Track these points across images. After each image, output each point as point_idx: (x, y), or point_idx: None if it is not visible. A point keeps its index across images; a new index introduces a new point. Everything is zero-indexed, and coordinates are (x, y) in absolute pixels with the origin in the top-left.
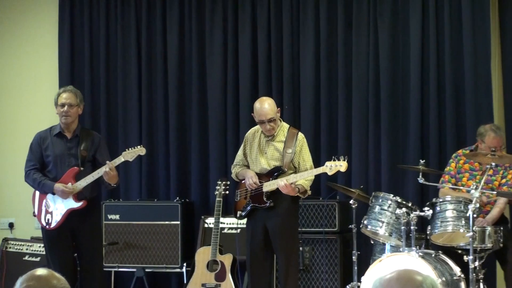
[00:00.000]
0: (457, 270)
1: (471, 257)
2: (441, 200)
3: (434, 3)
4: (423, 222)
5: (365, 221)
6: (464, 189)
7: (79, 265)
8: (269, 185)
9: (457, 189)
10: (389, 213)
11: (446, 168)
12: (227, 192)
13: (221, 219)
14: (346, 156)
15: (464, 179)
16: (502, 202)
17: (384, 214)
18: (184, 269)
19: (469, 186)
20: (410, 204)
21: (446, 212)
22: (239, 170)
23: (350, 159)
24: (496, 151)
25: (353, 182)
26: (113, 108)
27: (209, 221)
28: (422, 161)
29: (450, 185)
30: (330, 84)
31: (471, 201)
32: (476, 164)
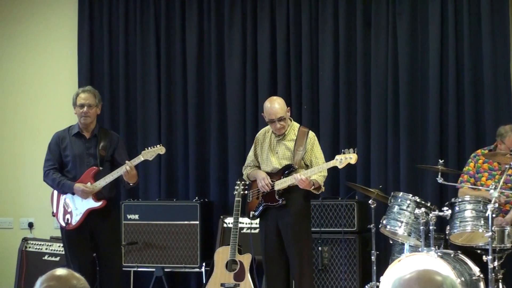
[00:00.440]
0: (476, 270)
1: (490, 257)
2: (460, 200)
3: (453, 2)
4: (442, 222)
5: (384, 221)
6: (483, 189)
7: (98, 265)
8: (281, 183)
9: (476, 189)
10: (408, 213)
11: (465, 168)
12: (246, 192)
13: (240, 219)
14: (356, 148)
15: (483, 179)
16: None
17: (403, 214)
18: (203, 269)
19: (488, 186)
20: (429, 204)
21: (465, 212)
22: (250, 171)
23: (369, 159)
24: None
25: (372, 182)
26: (132, 108)
27: (228, 221)
28: (441, 161)
29: (469, 185)
30: (349, 84)
31: (490, 201)
32: (495, 164)
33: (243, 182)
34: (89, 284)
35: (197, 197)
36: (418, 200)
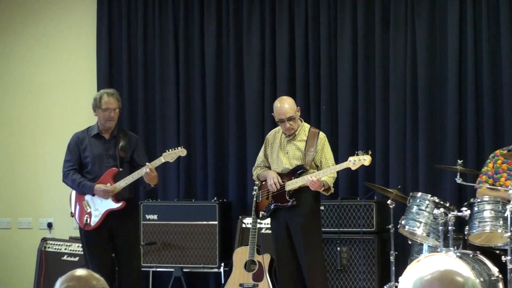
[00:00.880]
0: (495, 271)
1: (509, 258)
2: (479, 200)
3: (472, 2)
4: (461, 223)
5: (403, 221)
6: (502, 189)
7: (117, 265)
8: (292, 184)
9: (495, 189)
10: (427, 213)
11: (483, 168)
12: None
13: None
14: (370, 150)
15: (502, 179)
16: None
17: (422, 214)
18: (222, 269)
19: (507, 186)
20: (448, 204)
21: (484, 213)
22: (261, 172)
23: (388, 160)
24: None
25: (391, 182)
26: (151, 108)
27: (247, 221)
28: (460, 161)
29: (488, 185)
30: (368, 84)
31: (509, 201)
32: None
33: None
34: (108, 285)
35: (216, 197)
36: (437, 200)
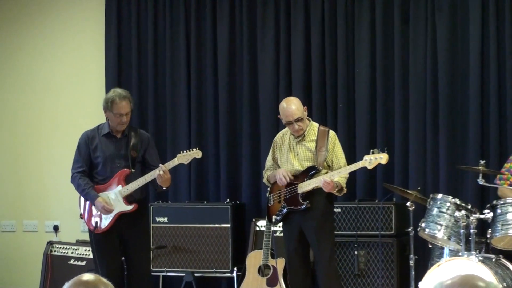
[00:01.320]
0: None
1: None
2: (502, 203)
3: None
4: (483, 225)
5: (423, 224)
6: None
7: (127, 269)
8: (305, 186)
9: None
10: (448, 216)
11: (507, 165)
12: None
13: None
14: (386, 148)
15: None
16: None
17: (443, 217)
18: (235, 274)
19: None
20: (470, 207)
21: (508, 215)
22: (270, 174)
23: (407, 160)
24: None
25: (410, 184)
26: (161, 108)
27: (261, 224)
28: (482, 162)
29: (509, 183)
30: (386, 82)
31: None
32: None
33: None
34: None
35: (229, 199)
36: (458, 202)
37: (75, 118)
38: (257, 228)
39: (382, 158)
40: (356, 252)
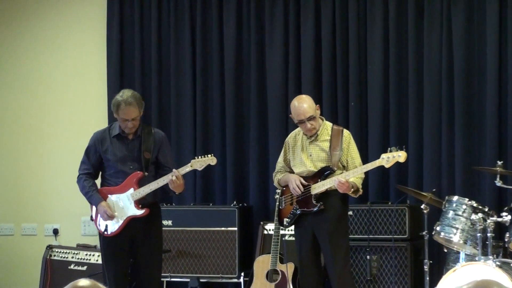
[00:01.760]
0: None
1: None
2: None
3: None
4: (501, 229)
5: (438, 228)
6: None
7: (136, 274)
8: (318, 187)
9: None
10: (464, 219)
11: None
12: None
13: None
14: (404, 146)
15: None
16: None
17: (459, 220)
18: (242, 279)
19: None
20: (487, 209)
21: None
22: (281, 176)
23: (421, 160)
24: None
25: (425, 185)
26: (166, 107)
27: (269, 227)
28: (500, 163)
29: None
30: (400, 79)
31: None
32: None
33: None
34: None
35: (235, 202)
36: (475, 205)
37: (76, 120)
38: (265, 232)
39: (400, 156)
40: (368, 257)
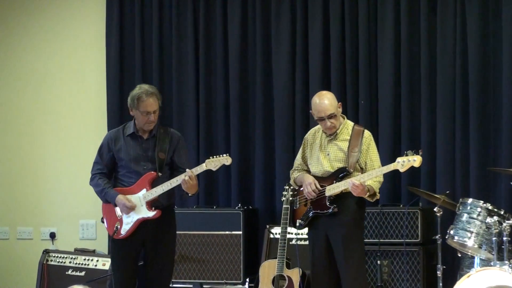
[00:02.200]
0: None
1: None
2: None
3: None
4: None
5: (452, 231)
6: None
7: (145, 280)
8: (333, 189)
9: None
10: (479, 222)
11: None
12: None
13: (289, 229)
14: (420, 150)
15: None
16: None
17: (473, 223)
18: (247, 285)
19: None
20: (503, 212)
21: None
22: (298, 175)
23: (435, 161)
24: None
25: (438, 187)
26: (168, 106)
27: (275, 231)
28: None
29: None
30: (412, 76)
31: None
32: None
33: (292, 187)
34: None
35: (240, 204)
36: (490, 208)
37: (73, 122)
38: (271, 236)
39: (415, 161)
40: (379, 262)
